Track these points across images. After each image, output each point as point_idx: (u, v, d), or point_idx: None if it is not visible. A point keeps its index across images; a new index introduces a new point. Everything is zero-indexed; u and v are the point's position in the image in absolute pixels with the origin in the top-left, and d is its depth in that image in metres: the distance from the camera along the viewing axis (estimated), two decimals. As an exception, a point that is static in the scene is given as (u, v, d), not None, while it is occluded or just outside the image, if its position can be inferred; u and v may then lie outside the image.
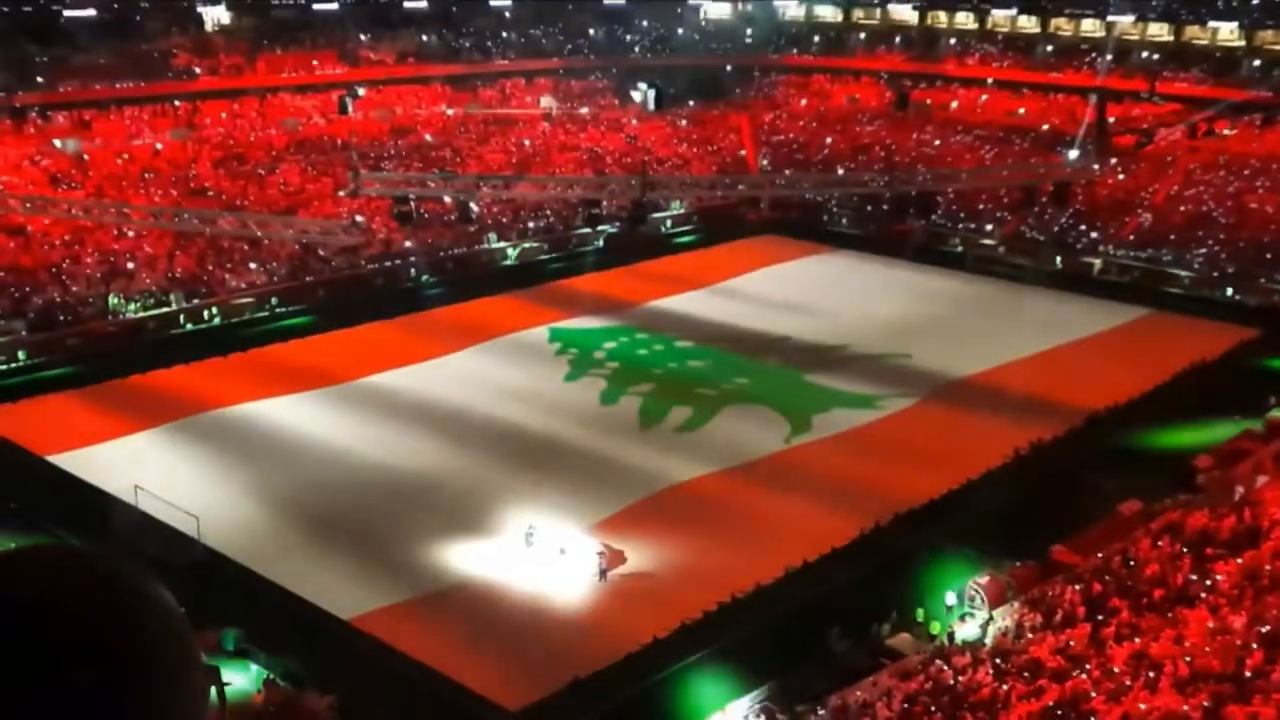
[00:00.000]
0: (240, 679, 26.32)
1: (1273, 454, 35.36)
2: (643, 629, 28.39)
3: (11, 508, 32.87)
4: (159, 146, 65.48)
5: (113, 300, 50.08)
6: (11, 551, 1.79)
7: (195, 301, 51.59)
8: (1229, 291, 56.72)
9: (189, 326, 50.75)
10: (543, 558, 31.62)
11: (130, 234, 55.54)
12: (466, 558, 32.02)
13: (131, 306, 50.11)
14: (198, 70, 72.51)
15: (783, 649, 27.36)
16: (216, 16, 77.98)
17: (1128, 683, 22.49)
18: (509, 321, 51.65)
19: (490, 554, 32.10)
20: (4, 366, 45.85)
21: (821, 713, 24.45)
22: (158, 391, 43.38)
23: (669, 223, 68.87)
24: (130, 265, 52.99)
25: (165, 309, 50.77)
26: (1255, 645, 22.75)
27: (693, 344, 49.88)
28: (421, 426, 40.85)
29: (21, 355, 46.44)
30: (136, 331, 49.45)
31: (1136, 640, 24.19)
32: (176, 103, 69.90)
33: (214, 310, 51.56)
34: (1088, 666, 23.52)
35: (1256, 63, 74.95)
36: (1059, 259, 61.00)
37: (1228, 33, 78.10)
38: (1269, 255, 57.60)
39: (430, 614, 29.64)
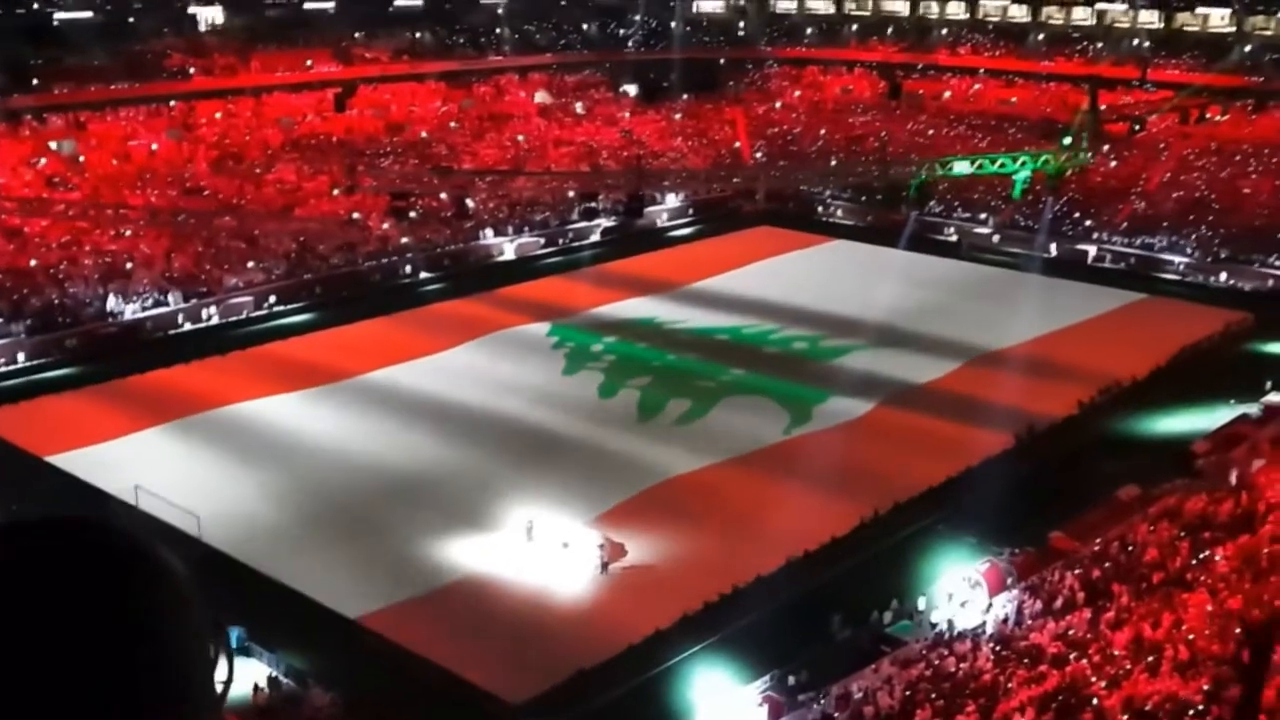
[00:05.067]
0: (242, 677, 26.44)
1: (1269, 437, 35.53)
2: (645, 621, 28.53)
3: (13, 509, 32.92)
4: (155, 147, 65.44)
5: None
6: (24, 518, 1.94)
7: (194, 301, 51.63)
8: (1223, 276, 56.89)
9: (187, 326, 50.81)
10: (544, 551, 31.74)
11: (127, 234, 55.54)
12: (468, 552, 32.12)
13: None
14: (192, 70, 72.46)
15: (785, 638, 27.47)
16: (210, 16, 77.91)
17: (1128, 667, 22.63)
18: (506, 316, 51.76)
19: (492, 548, 32.19)
20: (3, 369, 45.86)
21: (824, 701, 24.60)
22: (157, 391, 43.42)
23: (665, 215, 68.96)
24: (128, 265, 52.99)
25: (164, 308, 50.83)
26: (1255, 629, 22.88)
27: (691, 335, 49.99)
28: (421, 422, 40.93)
29: (20, 357, 46.47)
30: (135, 331, 49.49)
31: (1136, 625, 24.33)
32: (172, 103, 69.84)
33: (212, 309, 51.61)
34: (1089, 652, 23.67)
35: (1247, 48, 75.04)
36: (1054, 246, 61.19)
37: (1218, 19, 78.25)
38: (1262, 239, 57.77)
39: (433, 609, 29.72)
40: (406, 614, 29.34)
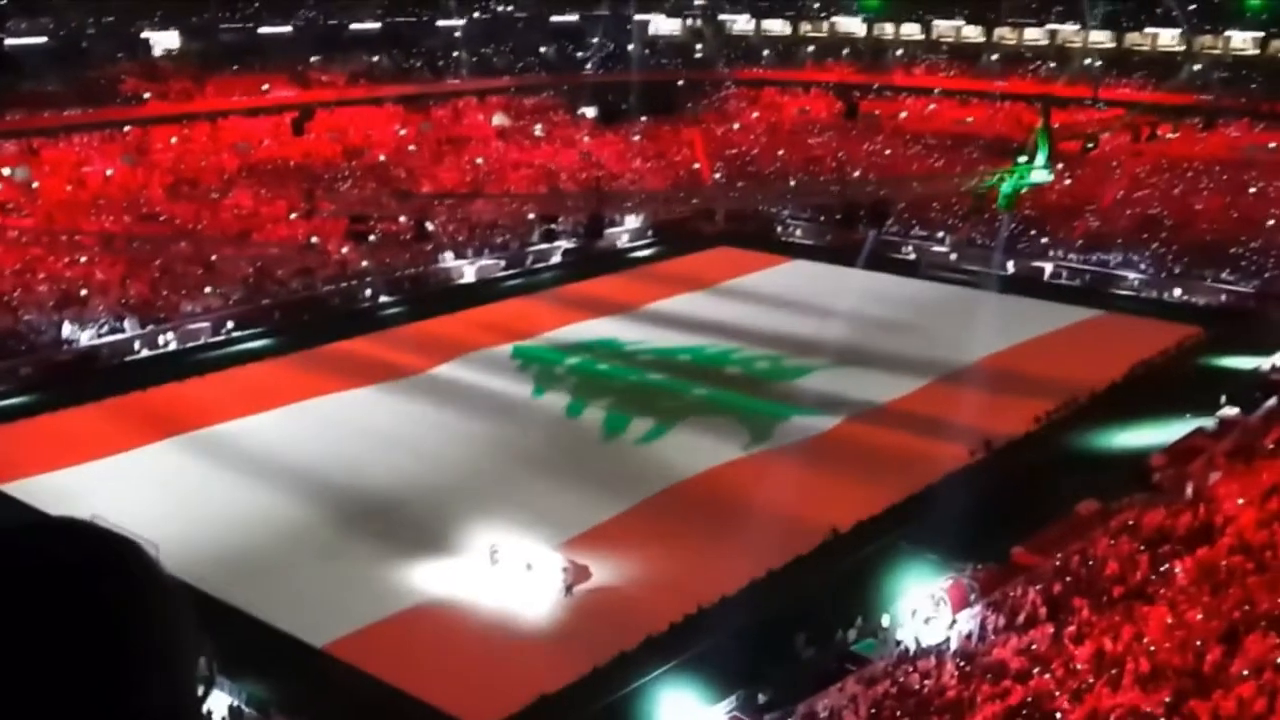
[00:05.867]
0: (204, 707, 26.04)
1: (1224, 451, 35.97)
2: (610, 643, 28.44)
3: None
4: (109, 173, 64.88)
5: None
6: (23, 523, 1.98)
7: (150, 327, 51.17)
8: (1177, 291, 57.66)
9: (145, 352, 50.32)
10: (508, 575, 31.61)
11: (82, 261, 55.00)
12: (432, 577, 31.92)
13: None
14: (147, 96, 71.94)
15: (749, 658, 27.45)
16: (165, 41, 77.39)
17: (1091, 681, 22.78)
18: (468, 339, 51.62)
19: (456, 572, 32.03)
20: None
21: (790, 720, 24.61)
22: (113, 418, 42.93)
23: (625, 237, 69.09)
24: (83, 292, 52.45)
25: (119, 335, 50.33)
26: (1214, 640, 23.13)
27: (653, 356, 50.04)
28: (383, 446, 40.66)
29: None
30: (91, 358, 48.94)
31: (1098, 638, 24.51)
32: (126, 129, 69.27)
33: (170, 335, 51.17)
34: (1052, 666, 23.82)
35: (1196, 67, 76.29)
36: (1010, 263, 61.84)
37: (1168, 38, 79.53)
38: (1214, 255, 58.63)
39: (396, 634, 29.49)
40: (369, 639, 29.09)
